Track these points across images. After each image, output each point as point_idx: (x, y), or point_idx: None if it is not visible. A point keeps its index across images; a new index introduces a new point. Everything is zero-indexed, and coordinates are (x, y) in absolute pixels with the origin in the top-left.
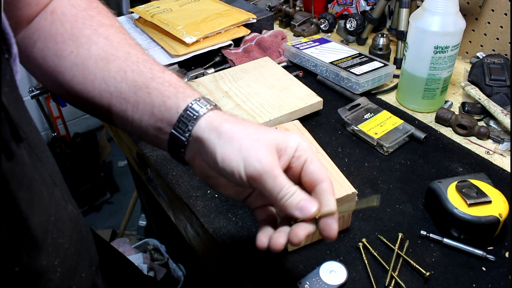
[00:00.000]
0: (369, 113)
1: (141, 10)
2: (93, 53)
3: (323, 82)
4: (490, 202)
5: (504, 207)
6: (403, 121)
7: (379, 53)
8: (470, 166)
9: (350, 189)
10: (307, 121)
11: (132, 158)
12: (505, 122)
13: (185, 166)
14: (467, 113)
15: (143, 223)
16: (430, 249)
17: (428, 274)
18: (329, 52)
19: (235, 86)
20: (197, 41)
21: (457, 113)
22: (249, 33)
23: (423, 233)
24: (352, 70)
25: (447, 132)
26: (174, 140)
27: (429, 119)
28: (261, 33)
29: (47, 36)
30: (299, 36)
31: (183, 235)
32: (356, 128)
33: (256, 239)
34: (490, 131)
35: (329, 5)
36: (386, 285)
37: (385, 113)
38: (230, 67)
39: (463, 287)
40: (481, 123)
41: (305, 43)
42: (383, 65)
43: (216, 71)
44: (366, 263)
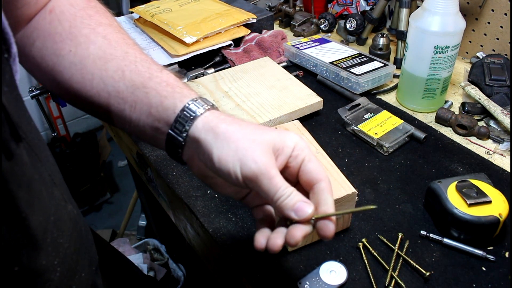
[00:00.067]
0: (369, 113)
1: (141, 10)
2: (91, 52)
3: (323, 82)
4: (490, 202)
5: (504, 207)
6: (403, 121)
7: (379, 53)
8: (470, 166)
9: (350, 189)
10: (307, 121)
11: (132, 158)
12: (505, 122)
13: (183, 165)
14: (467, 113)
15: (143, 223)
16: (430, 249)
17: (428, 274)
18: (329, 52)
19: (235, 86)
20: (197, 41)
21: (457, 113)
22: (249, 33)
23: (423, 233)
24: (352, 70)
25: (447, 132)
26: (171, 140)
27: (429, 119)
28: (261, 33)
29: (46, 35)
30: (299, 36)
31: (183, 235)
32: (356, 128)
33: (254, 240)
34: (490, 131)
35: (329, 5)
36: (386, 285)
37: (385, 113)
38: (230, 67)
39: (463, 287)
40: (481, 123)
41: (305, 43)
42: (383, 65)
43: (216, 71)
44: (366, 263)
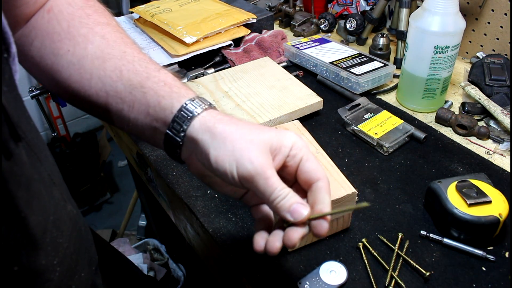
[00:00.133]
0: (369, 113)
1: (141, 10)
2: (89, 52)
3: (323, 82)
4: (490, 202)
5: (504, 207)
6: (403, 121)
7: (379, 53)
8: (470, 166)
9: (350, 189)
10: (307, 121)
11: (132, 158)
12: (505, 122)
13: (183, 164)
14: (467, 113)
15: (143, 223)
16: (430, 249)
17: (428, 274)
18: (329, 52)
19: (235, 86)
20: (197, 41)
21: (457, 113)
22: (249, 33)
23: (423, 233)
24: (352, 70)
25: (447, 132)
26: (169, 140)
27: (429, 119)
28: (261, 33)
29: (44, 34)
30: (299, 36)
31: (183, 235)
32: (356, 128)
33: (253, 242)
34: (490, 131)
35: (329, 5)
36: (386, 285)
37: (385, 113)
38: (230, 67)
39: (463, 287)
40: (481, 123)
41: (305, 43)
42: (383, 65)
43: (216, 71)
44: (366, 263)
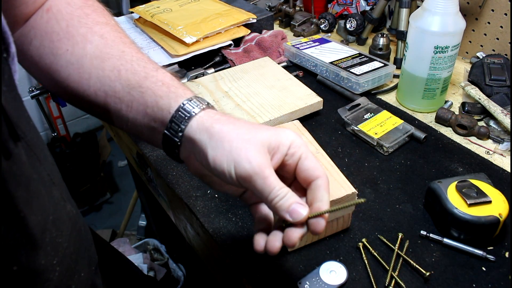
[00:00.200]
0: (369, 113)
1: (141, 10)
2: (88, 52)
3: (323, 82)
4: (490, 202)
5: (504, 207)
6: (403, 121)
7: (379, 53)
8: (470, 166)
9: (350, 189)
10: (307, 121)
11: (132, 158)
12: (505, 122)
13: (182, 164)
14: (467, 113)
15: (143, 223)
16: (430, 249)
17: (428, 274)
18: (329, 52)
19: (235, 86)
20: (197, 41)
21: (457, 113)
22: (249, 33)
23: (423, 233)
24: (352, 70)
25: (447, 132)
26: (167, 140)
27: (429, 119)
28: (261, 33)
29: (43, 34)
30: (299, 36)
31: (183, 235)
32: (356, 128)
33: (253, 243)
34: (490, 131)
35: (329, 5)
36: (386, 285)
37: (385, 113)
38: (230, 67)
39: (463, 287)
40: (481, 123)
41: (305, 43)
42: (383, 65)
43: (216, 71)
44: (366, 263)
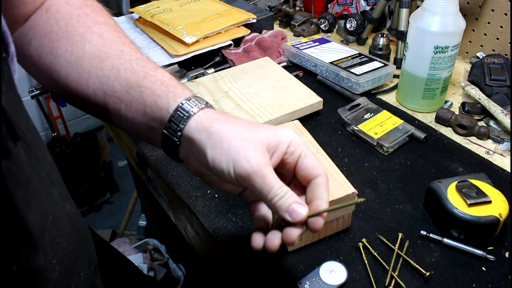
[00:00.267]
0: (369, 113)
1: (141, 10)
2: (87, 52)
3: (323, 82)
4: (490, 202)
5: (504, 207)
6: (403, 121)
7: (379, 53)
8: (470, 166)
9: (350, 189)
10: (307, 121)
11: (132, 158)
12: (505, 122)
13: (181, 163)
14: (467, 113)
15: (143, 223)
16: (430, 249)
17: (428, 274)
18: (329, 52)
19: (235, 86)
20: (197, 41)
21: (457, 113)
22: (249, 33)
23: (423, 233)
24: (352, 70)
25: (447, 132)
26: (166, 140)
27: (429, 119)
28: (261, 33)
29: (42, 34)
30: (299, 36)
31: (183, 235)
32: (356, 128)
33: (251, 240)
34: (490, 131)
35: (329, 5)
36: (386, 285)
37: (385, 113)
38: (230, 67)
39: (463, 287)
40: (481, 123)
41: (305, 43)
42: (383, 65)
43: (216, 71)
44: (366, 263)
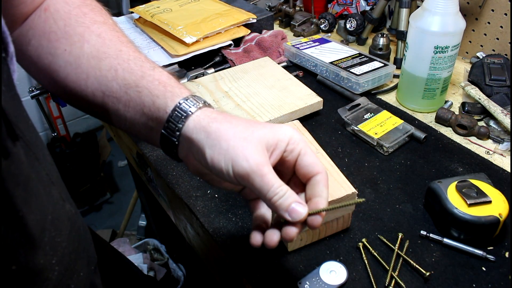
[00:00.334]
0: (369, 113)
1: (141, 10)
2: (85, 52)
3: (323, 82)
4: (490, 202)
5: (504, 207)
6: (403, 121)
7: (379, 53)
8: (470, 166)
9: (350, 189)
10: (307, 121)
11: (132, 158)
12: (505, 122)
13: (181, 163)
14: (467, 113)
15: (143, 223)
16: (430, 249)
17: (428, 274)
18: (329, 52)
19: (235, 86)
20: (197, 41)
21: (457, 113)
22: (249, 33)
23: (423, 233)
24: (352, 70)
25: (447, 132)
26: (165, 140)
27: (429, 119)
28: (261, 33)
29: (41, 34)
30: (299, 36)
31: (183, 235)
32: (356, 128)
33: (250, 237)
34: (490, 131)
35: (329, 5)
36: (386, 285)
37: (385, 113)
38: (230, 67)
39: (463, 287)
40: (481, 123)
41: (305, 43)
42: (383, 65)
43: (216, 71)
44: (366, 263)
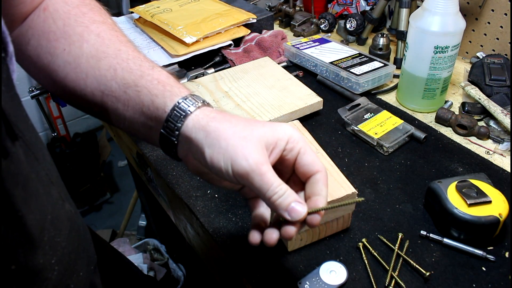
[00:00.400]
0: (369, 113)
1: (141, 10)
2: (84, 51)
3: (323, 82)
4: (490, 202)
5: (504, 207)
6: (403, 121)
7: (379, 53)
8: (470, 166)
9: (350, 189)
10: (307, 121)
11: (132, 158)
12: (505, 122)
13: (180, 162)
14: (467, 113)
15: (143, 223)
16: (430, 249)
17: (428, 274)
18: (329, 52)
19: (235, 86)
20: (197, 41)
21: (457, 113)
22: (249, 33)
23: (423, 233)
24: (352, 70)
25: (447, 132)
26: (164, 139)
27: (429, 119)
28: (261, 33)
29: (40, 33)
30: (299, 36)
31: (183, 235)
32: (356, 128)
33: (248, 235)
34: (490, 131)
35: (329, 5)
36: (386, 285)
37: (385, 113)
38: (230, 67)
39: (463, 287)
40: (481, 123)
41: (305, 43)
42: (383, 65)
43: (216, 71)
44: (366, 263)
